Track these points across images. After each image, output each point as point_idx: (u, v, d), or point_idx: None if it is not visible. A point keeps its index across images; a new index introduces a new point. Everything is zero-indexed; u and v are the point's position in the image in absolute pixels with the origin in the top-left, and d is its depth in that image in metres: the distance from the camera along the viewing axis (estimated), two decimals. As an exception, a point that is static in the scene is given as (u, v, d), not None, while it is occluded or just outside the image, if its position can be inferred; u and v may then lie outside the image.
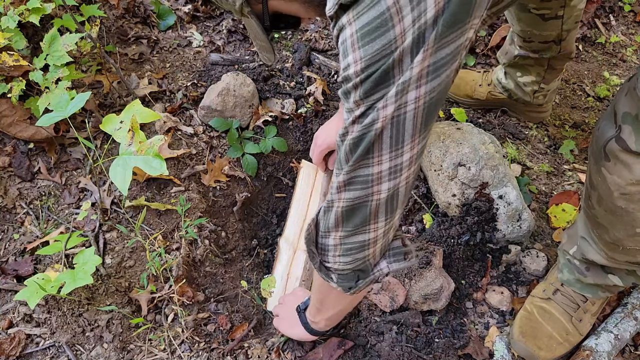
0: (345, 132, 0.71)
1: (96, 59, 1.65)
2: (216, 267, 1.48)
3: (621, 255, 1.06)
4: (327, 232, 0.85)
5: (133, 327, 1.29)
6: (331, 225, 0.83)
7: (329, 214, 0.82)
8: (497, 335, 1.31)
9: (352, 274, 0.90)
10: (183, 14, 1.94)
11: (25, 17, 1.41)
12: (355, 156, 0.71)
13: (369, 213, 0.77)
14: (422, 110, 0.66)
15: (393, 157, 0.70)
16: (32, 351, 1.23)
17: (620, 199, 0.94)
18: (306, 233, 0.90)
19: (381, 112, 0.66)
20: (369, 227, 0.80)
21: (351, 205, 0.78)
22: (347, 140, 0.71)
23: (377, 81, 0.64)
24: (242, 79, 1.68)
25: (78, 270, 1.17)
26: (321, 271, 0.92)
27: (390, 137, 0.68)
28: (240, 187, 1.64)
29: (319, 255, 0.91)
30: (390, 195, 0.75)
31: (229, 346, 1.28)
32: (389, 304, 1.35)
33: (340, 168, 0.75)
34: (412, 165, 0.73)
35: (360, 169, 0.73)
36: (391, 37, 0.61)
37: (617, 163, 0.91)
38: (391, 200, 0.76)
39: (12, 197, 1.44)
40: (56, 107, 1.23)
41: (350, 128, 0.70)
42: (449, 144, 1.46)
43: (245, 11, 0.87)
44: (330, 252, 0.87)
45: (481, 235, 1.42)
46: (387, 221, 0.80)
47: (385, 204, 0.77)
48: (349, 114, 0.70)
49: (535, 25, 1.45)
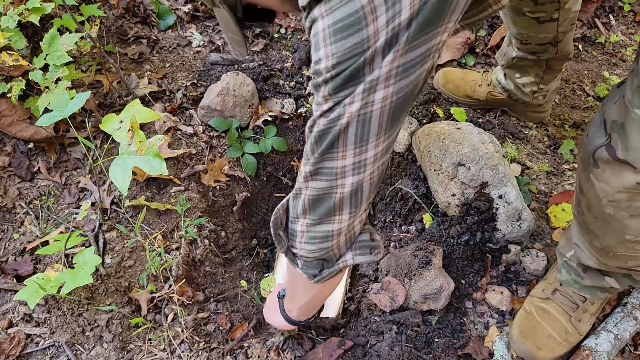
0: (313, 125, 0.73)
1: (96, 59, 1.65)
2: (216, 267, 1.48)
3: (612, 261, 1.06)
4: (297, 218, 0.87)
5: (133, 327, 1.29)
6: (299, 212, 0.85)
7: (298, 201, 0.84)
8: (497, 336, 1.31)
9: (317, 262, 0.92)
10: (183, 14, 1.94)
11: (25, 17, 1.41)
12: (321, 149, 0.73)
13: (333, 205, 0.80)
14: (389, 110, 0.67)
15: (357, 153, 0.72)
16: (32, 351, 1.23)
17: (609, 207, 0.94)
18: (274, 217, 0.91)
19: (347, 109, 0.67)
20: (334, 218, 0.82)
21: (317, 195, 0.80)
22: (314, 133, 0.72)
23: (347, 79, 0.65)
24: (242, 79, 1.69)
25: (78, 270, 1.17)
26: (288, 255, 0.95)
27: (355, 134, 0.69)
28: (240, 187, 1.64)
29: (288, 240, 0.93)
30: (355, 190, 0.77)
31: (229, 346, 1.28)
32: (389, 304, 1.35)
33: (307, 158, 0.77)
34: (377, 162, 0.75)
35: (325, 161, 0.74)
36: (364, 36, 0.61)
37: (605, 170, 0.91)
38: (355, 194, 0.78)
39: (12, 197, 1.44)
40: (56, 107, 1.23)
41: (318, 121, 0.71)
42: (449, 144, 1.46)
43: (217, 1, 0.85)
44: (297, 237, 0.90)
45: (481, 235, 1.42)
46: (352, 215, 0.82)
47: (349, 198, 0.79)
48: (317, 107, 0.71)
49: (531, 29, 1.45)
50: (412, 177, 1.58)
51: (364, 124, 0.68)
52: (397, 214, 1.57)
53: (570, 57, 1.57)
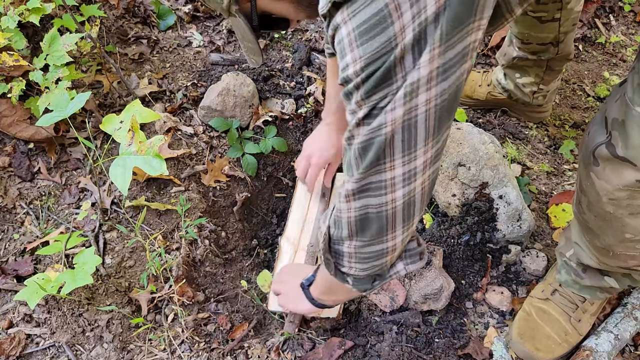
0: (351, 136, 0.69)
1: (96, 59, 1.65)
2: (216, 267, 1.48)
3: (612, 260, 1.06)
4: (341, 241, 0.83)
5: (133, 327, 1.29)
6: (344, 236, 0.81)
7: (340, 224, 0.80)
8: (495, 337, 1.31)
9: (369, 277, 0.89)
10: (183, 14, 1.94)
11: (25, 17, 1.41)
12: (366, 162, 0.68)
13: (385, 222, 0.75)
14: (434, 113, 0.65)
15: (406, 161, 0.68)
16: (32, 351, 1.23)
17: (609, 205, 0.93)
18: (322, 244, 0.87)
19: (389, 115, 0.64)
20: (387, 236, 0.77)
21: (364, 214, 0.75)
22: (355, 145, 0.69)
23: (378, 80, 0.63)
24: (242, 79, 1.69)
25: (78, 270, 1.17)
26: (337, 276, 0.90)
27: (402, 140, 0.66)
28: (240, 187, 1.64)
29: (333, 259, 0.89)
30: (407, 202, 0.73)
31: (229, 346, 1.28)
32: (389, 304, 1.35)
33: (351, 175, 0.72)
34: (427, 170, 0.71)
35: (372, 175, 0.70)
36: (390, 34, 0.59)
37: (605, 168, 0.90)
38: (408, 207, 0.74)
39: (12, 197, 1.44)
40: (56, 107, 1.23)
41: (356, 131, 0.68)
42: (449, 144, 1.46)
43: (232, 10, 0.85)
44: (345, 257, 0.86)
45: (481, 235, 1.42)
46: (405, 229, 0.78)
47: (402, 212, 0.74)
48: (352, 116, 0.68)
49: (532, 28, 1.45)
50: (412, 177, 1.58)
51: (409, 130, 0.65)
52: (397, 214, 1.56)
53: (571, 57, 1.57)
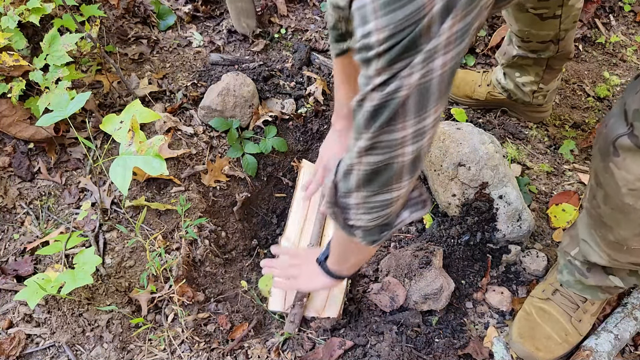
0: (363, 99, 0.70)
1: (96, 59, 1.65)
2: (216, 267, 1.48)
3: (625, 255, 1.06)
4: (348, 193, 0.85)
5: (133, 327, 1.29)
6: (352, 187, 0.83)
7: (350, 177, 0.82)
8: (494, 337, 1.31)
9: (377, 228, 0.91)
10: (183, 14, 1.94)
11: (25, 17, 1.41)
12: (379, 122, 0.70)
13: (392, 175, 0.78)
14: (448, 76, 0.66)
15: (418, 121, 0.70)
16: (32, 351, 1.23)
17: (628, 196, 0.93)
18: (328, 197, 0.89)
19: (405, 80, 0.64)
20: (393, 186, 0.80)
21: (374, 169, 0.78)
22: (367, 107, 0.70)
23: (402, 50, 0.62)
24: (242, 79, 1.69)
25: (78, 270, 1.17)
26: (345, 229, 0.93)
27: (416, 103, 0.67)
28: (240, 187, 1.65)
29: (342, 213, 0.91)
30: (415, 156, 0.76)
31: (229, 346, 1.28)
32: (389, 304, 1.35)
33: (360, 133, 0.74)
34: (435, 126, 0.74)
35: (383, 134, 0.72)
36: (419, 4, 0.58)
37: (626, 158, 0.91)
38: (414, 161, 0.77)
39: (12, 197, 1.44)
40: (56, 107, 1.23)
41: (369, 95, 0.69)
42: (449, 144, 1.46)
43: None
44: (352, 209, 0.88)
45: (481, 235, 1.42)
46: (410, 180, 0.81)
47: (410, 165, 0.77)
48: (367, 81, 0.69)
49: (533, 25, 1.45)
50: (412, 177, 1.58)
51: (424, 93, 0.66)
52: (397, 214, 1.56)
53: (571, 56, 1.57)
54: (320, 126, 1.77)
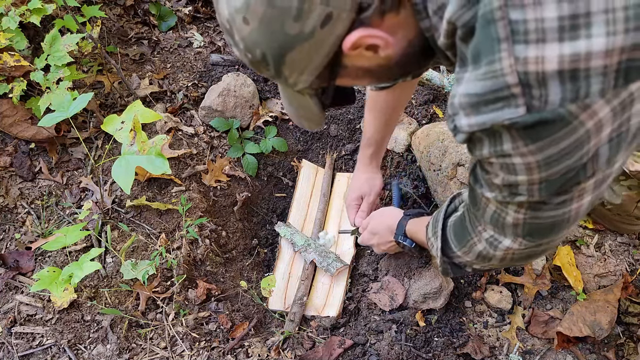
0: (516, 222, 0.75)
1: (97, 59, 1.65)
2: (217, 266, 1.49)
3: None
4: (475, 258, 0.90)
5: (134, 325, 1.29)
6: (491, 258, 0.87)
7: (488, 255, 0.86)
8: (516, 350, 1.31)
9: (464, 270, 0.99)
10: (184, 15, 1.95)
11: (27, 17, 1.41)
12: (545, 235, 0.77)
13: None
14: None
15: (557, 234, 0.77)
16: (34, 351, 1.24)
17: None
18: (440, 235, 0.96)
19: (575, 202, 0.69)
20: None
21: (523, 255, 0.84)
22: (527, 223, 0.74)
23: (560, 188, 0.66)
24: (243, 79, 1.69)
25: (83, 260, 1.17)
26: (439, 258, 0.99)
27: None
28: (240, 187, 1.65)
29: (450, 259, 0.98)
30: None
31: (229, 345, 1.29)
32: (389, 303, 1.35)
33: (505, 235, 0.79)
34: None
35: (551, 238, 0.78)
36: (583, 151, 0.61)
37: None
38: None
39: (14, 197, 1.45)
40: (58, 108, 1.24)
41: (526, 215, 0.73)
42: (448, 144, 1.47)
43: (305, 92, 0.76)
44: (465, 260, 0.94)
45: (480, 234, 1.43)
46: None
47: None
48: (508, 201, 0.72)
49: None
50: (411, 177, 1.59)
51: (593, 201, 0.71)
52: (397, 213, 1.57)
53: None
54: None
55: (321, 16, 0.60)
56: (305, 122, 0.88)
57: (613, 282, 1.40)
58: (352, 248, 1.52)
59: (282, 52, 0.64)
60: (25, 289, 1.32)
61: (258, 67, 0.69)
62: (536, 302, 1.40)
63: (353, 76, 0.72)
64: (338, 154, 1.75)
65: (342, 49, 0.65)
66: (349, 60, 0.67)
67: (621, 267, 1.45)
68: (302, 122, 0.89)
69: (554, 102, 0.56)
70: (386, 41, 0.64)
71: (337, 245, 1.55)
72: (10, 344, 1.24)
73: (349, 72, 0.71)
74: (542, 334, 1.34)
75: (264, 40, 0.63)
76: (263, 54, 0.65)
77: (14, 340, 1.25)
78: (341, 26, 0.62)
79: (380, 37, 0.63)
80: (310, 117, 0.85)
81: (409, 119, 1.70)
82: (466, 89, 0.61)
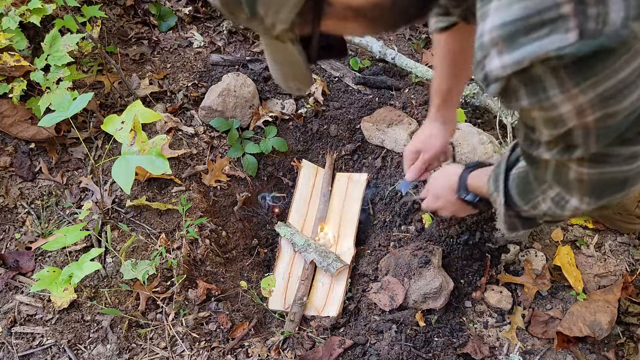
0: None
1: (97, 59, 1.65)
2: (217, 266, 1.49)
3: None
4: (549, 210, 0.77)
5: (134, 326, 1.29)
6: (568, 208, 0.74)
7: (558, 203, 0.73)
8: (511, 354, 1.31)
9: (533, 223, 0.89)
10: (184, 15, 1.95)
11: (27, 17, 1.41)
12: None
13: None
14: None
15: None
16: (34, 351, 1.24)
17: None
18: (502, 189, 0.85)
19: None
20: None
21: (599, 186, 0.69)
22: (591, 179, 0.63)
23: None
24: (243, 79, 1.69)
25: (83, 260, 1.17)
26: (504, 212, 0.88)
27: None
28: (240, 187, 1.65)
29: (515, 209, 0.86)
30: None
31: (229, 345, 1.29)
32: (389, 303, 1.35)
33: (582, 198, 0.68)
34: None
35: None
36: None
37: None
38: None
39: (14, 197, 1.45)
40: (58, 108, 1.23)
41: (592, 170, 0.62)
42: (448, 144, 1.47)
43: (286, 37, 0.66)
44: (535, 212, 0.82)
45: (480, 234, 1.43)
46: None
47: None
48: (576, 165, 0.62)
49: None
50: (411, 177, 1.59)
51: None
52: (397, 213, 1.57)
53: None
54: (320, 126, 1.78)
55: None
56: (292, 82, 0.78)
57: (613, 282, 1.40)
58: (352, 248, 1.52)
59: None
60: (25, 289, 1.32)
61: (231, 7, 0.59)
62: (536, 302, 1.40)
63: (340, 17, 0.61)
64: (338, 154, 1.75)
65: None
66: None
67: (621, 267, 1.45)
68: (289, 83, 0.78)
69: (615, 23, 0.45)
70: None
71: (337, 245, 1.55)
72: (10, 344, 1.24)
73: (335, 12, 0.60)
74: (542, 334, 1.34)
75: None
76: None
77: (14, 340, 1.25)
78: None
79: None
80: (296, 74, 0.75)
81: (409, 119, 1.70)
82: (500, 17, 0.49)
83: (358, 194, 1.63)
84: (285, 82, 0.79)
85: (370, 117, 1.72)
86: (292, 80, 0.77)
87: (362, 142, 1.74)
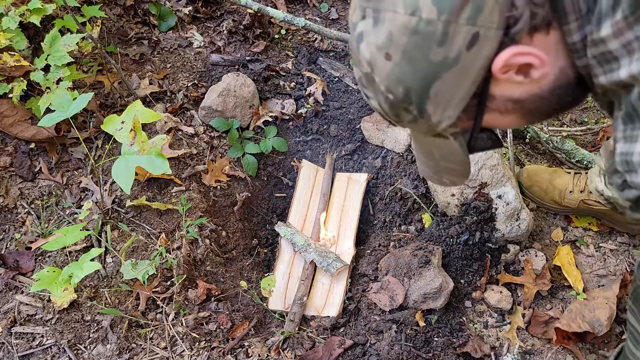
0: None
1: (97, 59, 1.65)
2: (217, 266, 1.49)
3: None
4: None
5: (134, 326, 1.29)
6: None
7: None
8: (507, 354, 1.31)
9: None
10: (184, 14, 1.95)
11: (27, 17, 1.41)
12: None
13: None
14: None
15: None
16: (34, 351, 1.24)
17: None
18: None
19: None
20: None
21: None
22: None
23: None
24: (243, 79, 1.69)
25: (83, 260, 1.17)
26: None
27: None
28: (240, 187, 1.65)
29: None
30: None
31: (229, 345, 1.29)
32: (389, 303, 1.35)
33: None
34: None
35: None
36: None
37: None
38: None
39: (14, 197, 1.45)
40: (58, 108, 1.24)
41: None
42: (448, 144, 1.47)
43: (448, 132, 0.68)
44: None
45: (480, 234, 1.43)
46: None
47: None
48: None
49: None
50: (411, 177, 1.59)
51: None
52: (397, 213, 1.57)
53: None
54: (320, 126, 1.78)
55: (467, 37, 0.55)
56: (450, 176, 0.79)
57: (613, 282, 1.40)
58: (352, 248, 1.52)
59: (426, 85, 0.59)
60: (25, 289, 1.32)
61: (398, 110, 0.63)
62: (536, 302, 1.40)
63: (501, 110, 0.65)
64: (338, 154, 1.75)
65: (491, 73, 0.59)
66: (497, 87, 0.62)
67: (621, 267, 1.45)
68: (447, 176, 0.80)
69: None
70: (541, 59, 0.58)
71: (337, 245, 1.55)
72: (10, 344, 1.24)
73: (497, 105, 0.64)
74: (542, 334, 1.34)
75: (407, 73, 0.58)
76: (406, 91, 0.60)
77: (14, 340, 1.25)
78: (489, 46, 0.57)
79: (535, 55, 0.57)
80: (455, 168, 0.77)
81: (409, 119, 1.70)
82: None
83: (358, 194, 1.63)
84: (439, 177, 0.81)
85: (370, 117, 1.72)
86: (446, 174, 0.79)
87: (362, 142, 1.74)
